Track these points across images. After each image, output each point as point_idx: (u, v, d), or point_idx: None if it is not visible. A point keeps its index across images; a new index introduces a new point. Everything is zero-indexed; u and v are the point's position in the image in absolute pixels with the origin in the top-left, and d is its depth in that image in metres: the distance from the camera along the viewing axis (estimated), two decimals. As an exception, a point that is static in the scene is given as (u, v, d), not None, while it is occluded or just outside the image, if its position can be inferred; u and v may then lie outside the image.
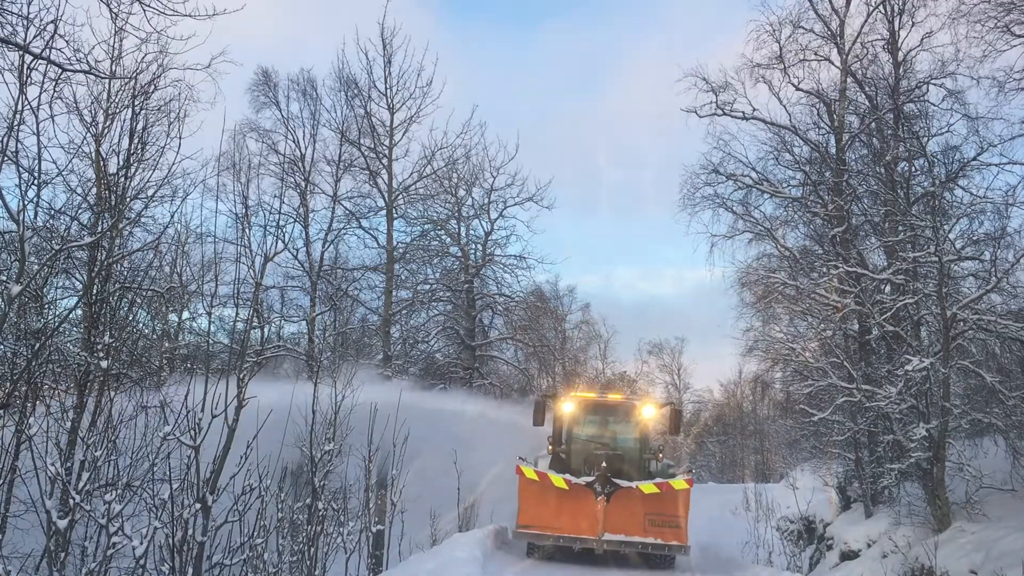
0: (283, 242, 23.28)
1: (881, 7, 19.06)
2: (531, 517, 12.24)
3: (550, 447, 14.54)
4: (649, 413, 14.86)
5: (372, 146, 24.41)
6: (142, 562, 5.29)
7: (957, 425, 14.82)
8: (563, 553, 12.74)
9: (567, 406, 14.67)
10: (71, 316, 12.88)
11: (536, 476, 12.28)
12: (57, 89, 11.20)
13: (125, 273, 13.56)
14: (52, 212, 13.46)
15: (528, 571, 12.08)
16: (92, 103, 13.27)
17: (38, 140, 10.50)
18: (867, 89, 19.66)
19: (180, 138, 12.13)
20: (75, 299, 13.94)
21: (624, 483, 12.28)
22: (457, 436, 16.94)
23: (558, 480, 12.20)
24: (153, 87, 13.23)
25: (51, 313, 13.09)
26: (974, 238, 16.23)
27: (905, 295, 16.52)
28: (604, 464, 12.23)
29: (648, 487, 12.38)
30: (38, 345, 4.33)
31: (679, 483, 12.57)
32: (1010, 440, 14.74)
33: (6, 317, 4.26)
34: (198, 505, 5.42)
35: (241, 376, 5.53)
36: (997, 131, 16.49)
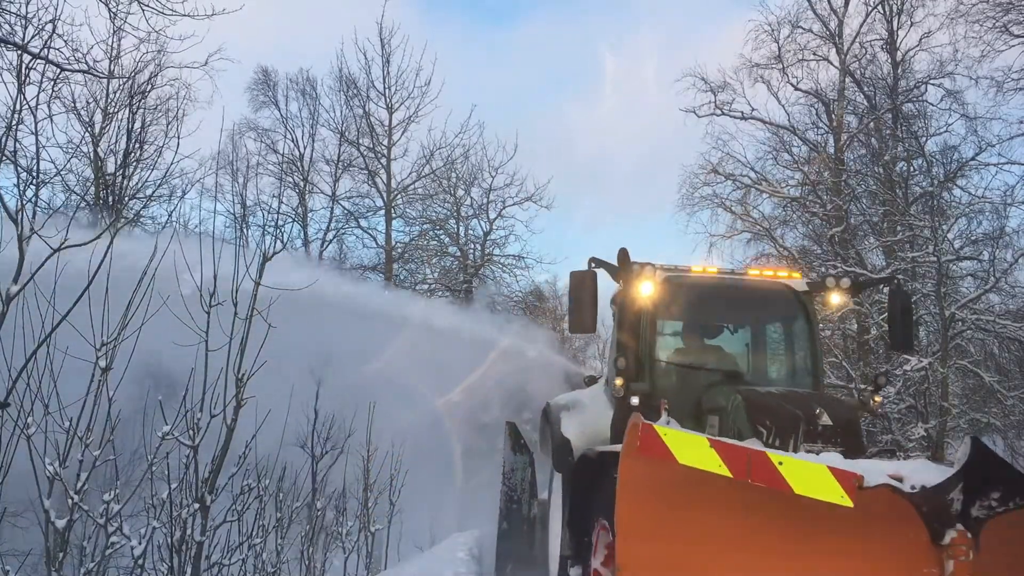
0: (282, 242, 23.13)
1: (879, 7, 19.12)
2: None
3: (620, 380, 6.35)
4: (836, 304, 7.43)
5: (371, 146, 24.37)
6: (141, 562, 5.29)
7: (955, 425, 14.87)
8: None
9: (646, 288, 6.37)
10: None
11: (723, 463, 3.78)
12: (56, 89, 11.27)
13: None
14: (50, 212, 13.49)
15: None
16: (90, 103, 13.30)
17: (36, 140, 10.50)
18: (866, 89, 19.71)
19: (178, 137, 12.22)
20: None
21: None
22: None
23: (822, 483, 3.77)
24: (151, 86, 13.27)
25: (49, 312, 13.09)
26: (972, 238, 16.32)
27: (903, 295, 16.56)
28: (826, 422, 5.18)
29: None
30: (37, 345, 4.35)
31: None
32: (1008, 440, 14.79)
33: (5, 317, 4.26)
34: (196, 505, 5.41)
35: (240, 376, 5.52)
36: (995, 131, 16.63)
